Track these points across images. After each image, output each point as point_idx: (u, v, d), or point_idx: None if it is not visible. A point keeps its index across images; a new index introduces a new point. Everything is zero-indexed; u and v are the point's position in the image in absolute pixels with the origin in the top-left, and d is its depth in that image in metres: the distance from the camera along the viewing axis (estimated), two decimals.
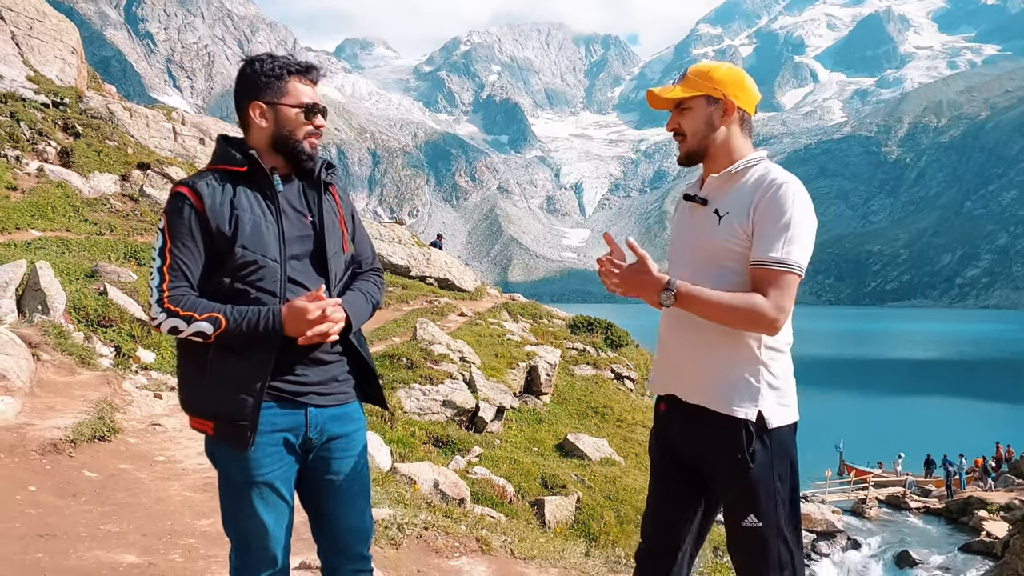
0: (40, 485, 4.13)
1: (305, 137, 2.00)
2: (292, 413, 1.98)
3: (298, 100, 1.99)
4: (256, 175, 1.98)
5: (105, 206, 12.82)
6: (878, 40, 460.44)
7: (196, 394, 1.95)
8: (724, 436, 1.99)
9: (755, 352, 1.99)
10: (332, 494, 2.07)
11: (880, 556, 22.60)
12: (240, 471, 1.96)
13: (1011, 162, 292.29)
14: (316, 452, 2.05)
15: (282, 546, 2.04)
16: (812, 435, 31.51)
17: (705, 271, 2.02)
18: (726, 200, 2.03)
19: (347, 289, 2.09)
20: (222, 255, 1.92)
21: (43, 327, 6.94)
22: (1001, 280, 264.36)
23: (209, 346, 1.91)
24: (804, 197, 1.97)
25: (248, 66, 2.01)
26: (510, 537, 4.35)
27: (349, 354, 2.10)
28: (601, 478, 10.41)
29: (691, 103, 2.08)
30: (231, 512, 2.02)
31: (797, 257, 1.92)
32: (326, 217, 2.04)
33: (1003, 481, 27.38)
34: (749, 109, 2.11)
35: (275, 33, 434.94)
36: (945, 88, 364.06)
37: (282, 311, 1.90)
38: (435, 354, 11.82)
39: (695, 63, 2.16)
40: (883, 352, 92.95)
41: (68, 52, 18.77)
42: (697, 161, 2.12)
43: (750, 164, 2.06)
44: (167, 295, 1.88)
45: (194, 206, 1.90)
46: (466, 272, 22.67)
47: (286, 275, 1.96)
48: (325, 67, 2.11)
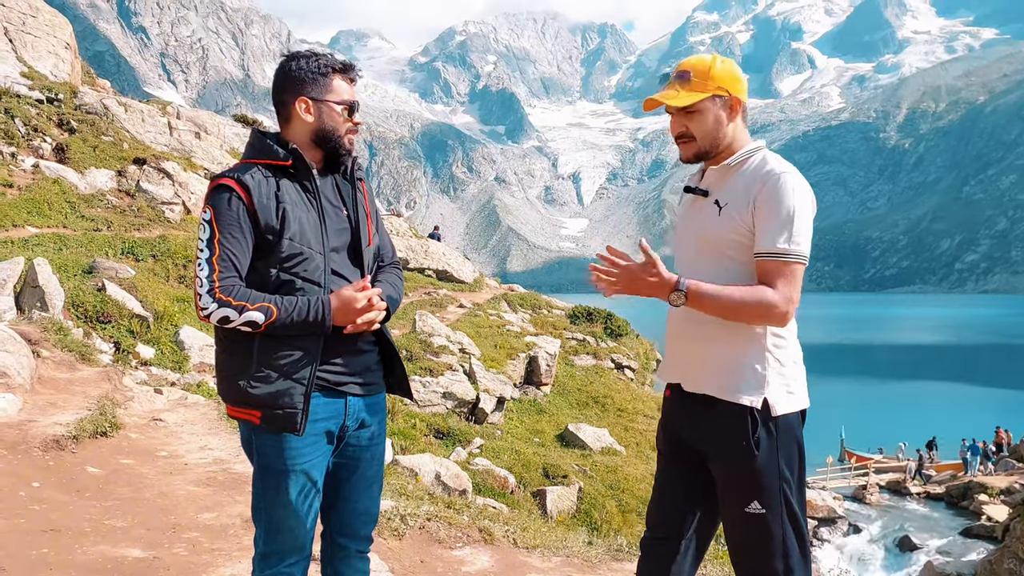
0: (44, 481, 4.15)
1: (346, 133, 2.07)
2: (334, 402, 2.04)
3: (341, 97, 2.05)
4: (298, 169, 2.03)
5: (102, 202, 12.79)
6: (876, 25, 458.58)
7: (241, 383, 1.98)
8: (730, 424, 2.00)
9: (761, 340, 2.00)
10: (353, 479, 2.14)
11: (881, 541, 22.71)
12: (281, 460, 2.00)
13: (1010, 146, 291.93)
14: (347, 439, 2.11)
15: (310, 534, 2.09)
16: (812, 421, 31.31)
17: (708, 261, 2.03)
18: (725, 191, 2.04)
19: (375, 281, 2.15)
20: (268, 246, 1.96)
21: (42, 324, 6.94)
22: (1000, 265, 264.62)
23: (254, 336, 1.95)
24: (803, 186, 1.98)
25: (292, 62, 2.05)
26: (512, 527, 4.36)
27: (379, 344, 2.16)
28: (602, 468, 10.45)
29: (699, 105, 2.05)
30: (264, 500, 2.05)
31: (802, 247, 1.94)
32: (359, 211, 2.11)
33: (1003, 465, 27.47)
34: (745, 98, 2.11)
35: (269, 26, 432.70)
36: (943, 73, 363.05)
37: (331, 300, 1.96)
38: (434, 346, 11.83)
39: (689, 57, 2.12)
40: (883, 338, 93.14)
41: (62, 47, 18.67)
42: (703, 160, 2.12)
43: (748, 155, 2.06)
44: (218, 285, 1.91)
45: (241, 198, 1.95)
46: (464, 263, 22.66)
47: (329, 266, 2.02)
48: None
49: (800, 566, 2.02)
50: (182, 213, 13.73)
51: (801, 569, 2.02)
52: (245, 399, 1.98)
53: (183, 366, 8.03)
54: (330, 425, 2.05)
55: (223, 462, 4.87)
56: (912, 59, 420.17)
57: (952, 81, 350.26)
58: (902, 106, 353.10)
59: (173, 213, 13.49)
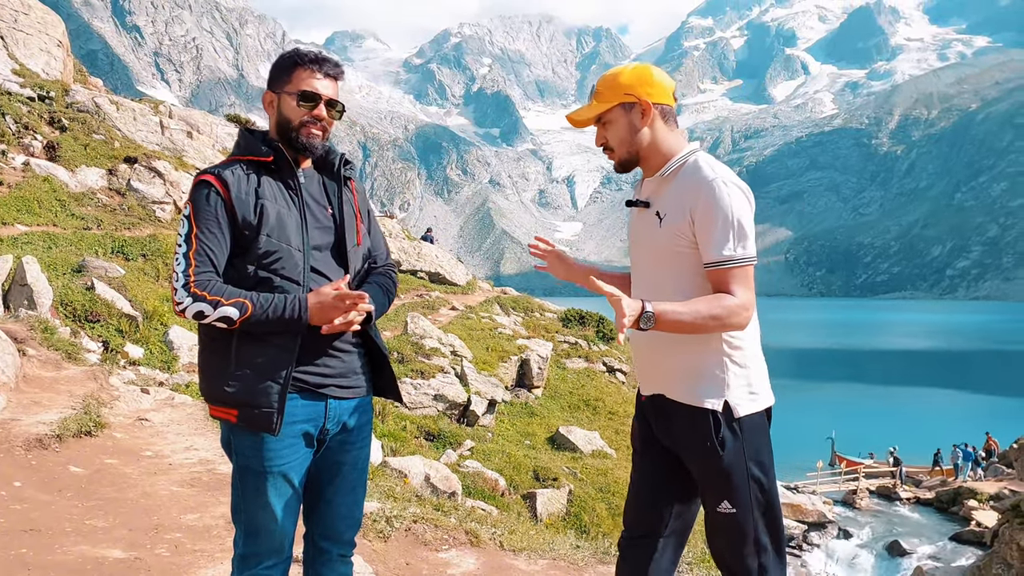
0: (25, 480, 4.10)
1: (302, 125, 2.01)
2: (313, 404, 2.01)
3: (296, 88, 2.01)
4: (280, 166, 2.01)
5: (92, 200, 12.71)
6: (869, 32, 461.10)
7: (219, 382, 1.96)
8: (694, 426, 2.02)
9: (719, 344, 2.02)
10: (335, 483, 2.11)
11: (871, 546, 22.77)
12: (259, 461, 1.98)
13: (1001, 154, 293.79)
14: (328, 442, 2.09)
15: (289, 536, 2.07)
16: (803, 426, 31.71)
17: (663, 272, 2.06)
18: (663, 200, 2.06)
19: (364, 283, 2.13)
20: (246, 243, 1.95)
21: (29, 322, 6.89)
22: (991, 271, 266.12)
23: (233, 333, 1.93)
24: (735, 188, 1.98)
25: (275, 61, 2.10)
26: (500, 529, 4.35)
27: (366, 346, 2.13)
28: (593, 470, 10.44)
29: (609, 115, 2.09)
30: (244, 501, 2.03)
31: (748, 249, 1.97)
32: (345, 210, 2.09)
33: (993, 470, 27.60)
34: (667, 100, 2.10)
35: (264, 26, 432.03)
36: (936, 80, 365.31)
37: (308, 299, 1.93)
38: (426, 348, 11.80)
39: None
40: (874, 343, 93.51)
41: (54, 45, 18.57)
42: (632, 167, 2.14)
43: (681, 161, 2.07)
44: (193, 280, 1.89)
45: (220, 194, 1.93)
46: (457, 266, 22.63)
47: (309, 264, 1.99)
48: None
49: (775, 565, 2.04)
50: (173, 212, 13.66)
51: (776, 567, 2.05)
52: (223, 398, 1.96)
53: (172, 366, 7.98)
54: (308, 427, 2.02)
55: (208, 462, 4.84)
56: (905, 66, 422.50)
57: (944, 88, 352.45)
58: (895, 113, 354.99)
59: (164, 212, 13.43)
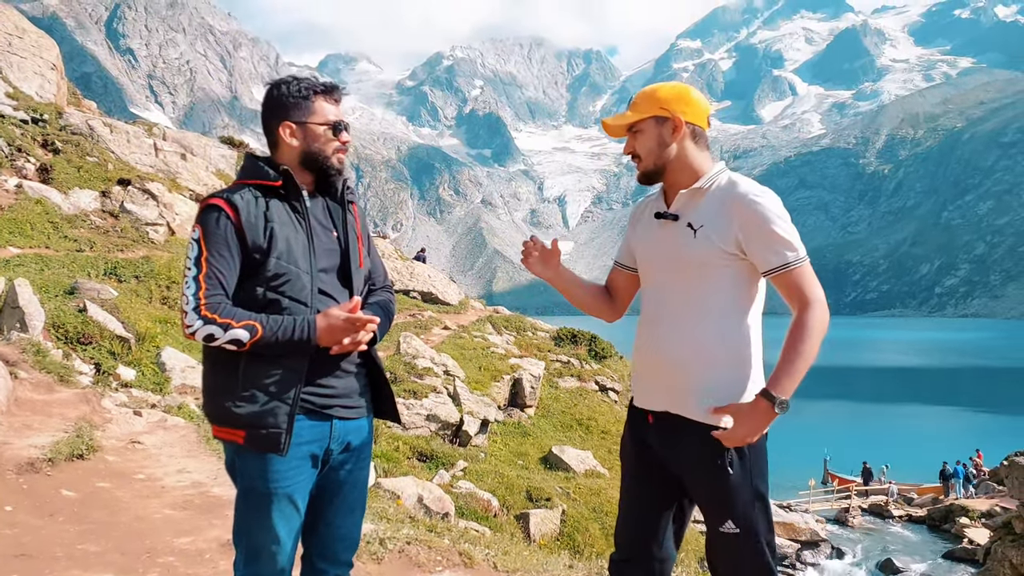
0: (16, 505, 4.09)
1: (333, 153, 2.08)
2: (319, 425, 2.04)
3: (325, 118, 2.07)
4: (288, 190, 2.04)
5: (85, 222, 12.71)
6: (855, 53, 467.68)
7: (226, 402, 1.97)
8: (705, 445, 2.03)
9: (731, 361, 2.05)
10: (336, 504, 2.13)
11: (864, 564, 22.67)
12: (264, 482, 1.99)
13: (987, 172, 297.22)
14: (331, 463, 2.11)
15: (290, 558, 2.07)
16: (795, 443, 31.66)
17: (684, 278, 2.10)
18: (698, 214, 2.10)
19: (365, 303, 2.16)
20: (256, 265, 1.97)
21: (21, 345, 6.87)
22: (979, 289, 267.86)
23: (241, 355, 1.95)
24: (776, 198, 2.08)
25: (276, 88, 2.09)
26: (493, 550, 4.35)
27: (367, 367, 2.16)
28: (586, 490, 10.42)
29: (641, 125, 2.15)
30: (246, 523, 2.04)
31: (801, 250, 2.05)
32: (349, 233, 2.13)
33: (984, 488, 27.64)
34: (700, 123, 2.16)
35: (257, 48, 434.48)
36: (922, 100, 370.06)
37: (317, 320, 1.96)
38: (419, 368, 11.80)
39: (670, 80, 2.22)
40: (864, 360, 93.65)
41: (48, 68, 18.65)
42: (656, 180, 2.20)
43: (714, 178, 2.13)
44: (204, 303, 1.91)
45: (230, 217, 1.95)
46: (449, 285, 22.67)
47: (316, 286, 2.02)
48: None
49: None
50: (166, 234, 13.67)
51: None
52: (230, 419, 1.98)
53: (164, 388, 7.95)
54: (315, 448, 2.04)
55: (201, 485, 4.83)
56: (891, 87, 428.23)
57: (930, 108, 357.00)
58: (881, 132, 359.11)
59: (157, 234, 13.43)
